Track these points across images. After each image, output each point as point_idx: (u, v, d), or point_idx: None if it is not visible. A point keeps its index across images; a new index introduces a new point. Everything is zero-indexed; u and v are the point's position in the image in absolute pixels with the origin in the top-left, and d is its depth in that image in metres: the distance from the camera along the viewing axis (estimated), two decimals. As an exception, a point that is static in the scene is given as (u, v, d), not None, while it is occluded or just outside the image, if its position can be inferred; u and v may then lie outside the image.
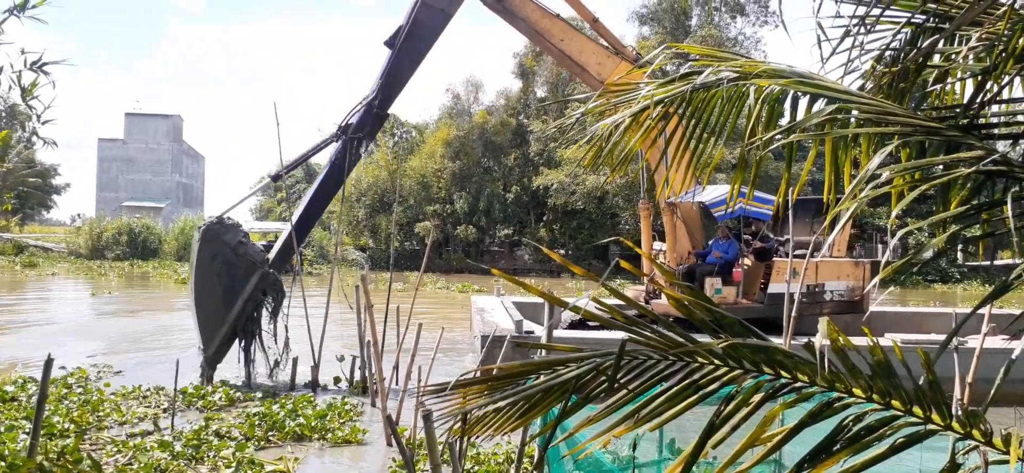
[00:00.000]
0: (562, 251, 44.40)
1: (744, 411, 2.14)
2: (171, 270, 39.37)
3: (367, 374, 11.40)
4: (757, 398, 2.12)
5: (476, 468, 7.93)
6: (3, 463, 2.71)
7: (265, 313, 11.56)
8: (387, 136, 51.68)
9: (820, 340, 1.89)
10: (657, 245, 15.70)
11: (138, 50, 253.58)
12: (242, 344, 11.48)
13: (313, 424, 9.21)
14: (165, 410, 9.97)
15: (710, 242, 15.05)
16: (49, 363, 3.53)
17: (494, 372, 2.42)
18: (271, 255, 11.84)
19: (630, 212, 37.80)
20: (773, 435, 2.23)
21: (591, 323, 14.04)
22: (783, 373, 2.00)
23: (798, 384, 1.99)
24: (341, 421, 9.54)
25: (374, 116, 12.14)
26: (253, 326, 11.45)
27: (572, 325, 13.61)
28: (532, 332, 12.12)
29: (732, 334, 1.98)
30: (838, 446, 2.10)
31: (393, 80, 12.29)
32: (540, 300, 20.53)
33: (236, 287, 11.20)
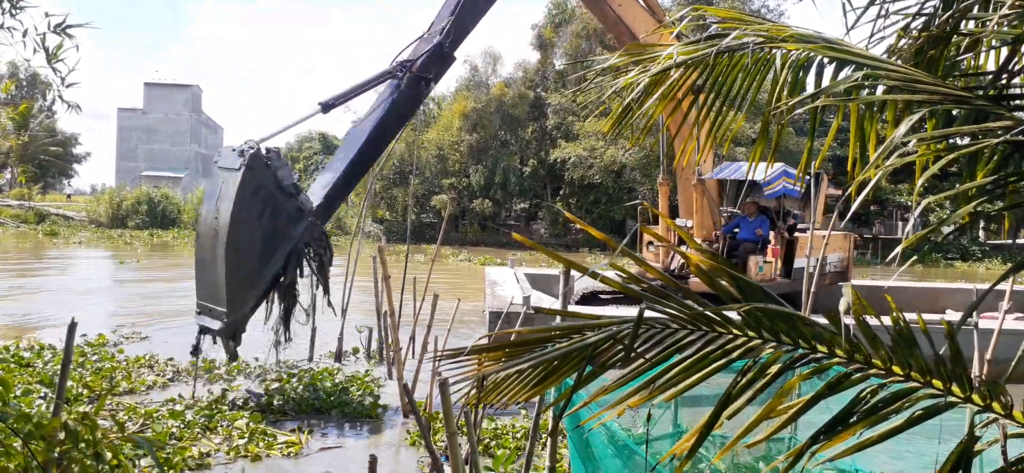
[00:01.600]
0: (577, 226, 44.32)
1: (761, 382, 2.13)
2: (191, 239, 39.74)
3: (384, 345, 11.47)
4: (774, 369, 2.11)
5: (493, 442, 8.00)
6: (29, 423, 2.76)
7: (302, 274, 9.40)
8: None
9: (844, 304, 1.88)
10: (680, 222, 15.68)
11: (145, 53, 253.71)
12: (281, 306, 9.42)
13: (332, 397, 9.29)
14: (171, 379, 10.12)
15: (734, 218, 15.00)
16: (73, 327, 3.58)
17: (512, 337, 2.42)
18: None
19: (647, 186, 37.62)
20: (789, 407, 2.23)
21: (603, 296, 14.08)
22: (801, 343, 1.98)
23: (817, 355, 1.98)
24: (360, 393, 9.62)
25: (441, 57, 10.24)
26: (295, 288, 9.32)
27: (583, 299, 13.61)
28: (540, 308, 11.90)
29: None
30: (855, 418, 2.09)
31: (467, 15, 10.46)
32: (553, 272, 20.60)
33: (279, 235, 8.91)
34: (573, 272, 3.80)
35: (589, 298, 13.75)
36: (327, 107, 9.28)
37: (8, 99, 60.29)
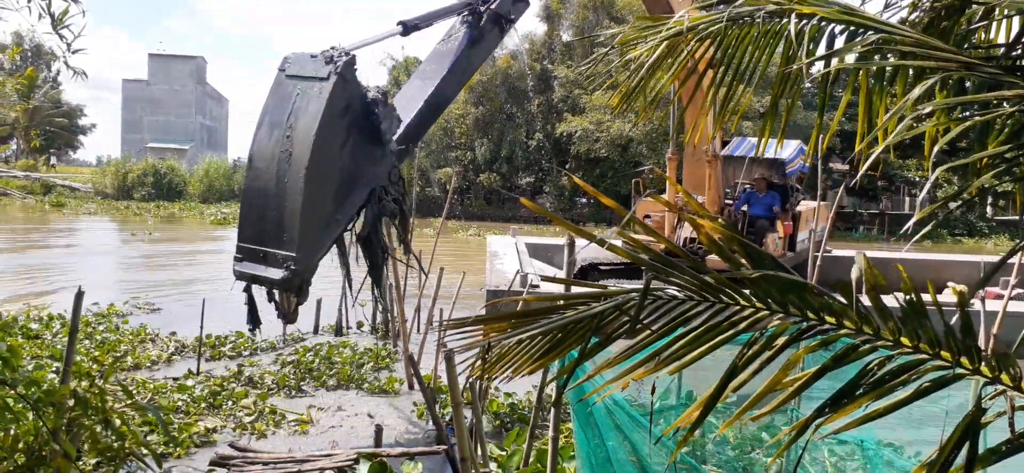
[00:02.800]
0: (583, 200, 44.28)
1: (767, 354, 2.13)
2: (197, 212, 39.84)
3: (389, 318, 11.51)
4: (781, 341, 2.11)
5: (509, 416, 8.09)
6: (40, 391, 2.77)
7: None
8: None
9: (856, 272, 1.87)
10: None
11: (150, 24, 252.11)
12: (368, 262, 7.91)
13: (347, 372, 9.31)
14: (173, 355, 10.11)
15: (743, 193, 15.01)
16: (80, 295, 3.60)
17: (518, 307, 2.42)
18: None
19: (654, 160, 37.46)
20: (795, 379, 2.23)
21: (603, 267, 14.09)
22: (809, 315, 1.97)
23: (825, 327, 1.97)
24: (375, 368, 9.64)
25: None
26: (382, 238, 7.83)
27: (581, 272, 13.58)
28: (537, 287, 11.55)
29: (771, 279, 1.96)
30: (861, 390, 2.09)
31: None
32: (555, 241, 20.59)
33: (359, 172, 7.30)
34: (578, 241, 3.80)
35: (588, 270, 13.75)
36: (408, 28, 7.84)
37: (14, 68, 60.33)
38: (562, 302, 2.35)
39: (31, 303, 12.96)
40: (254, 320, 7.53)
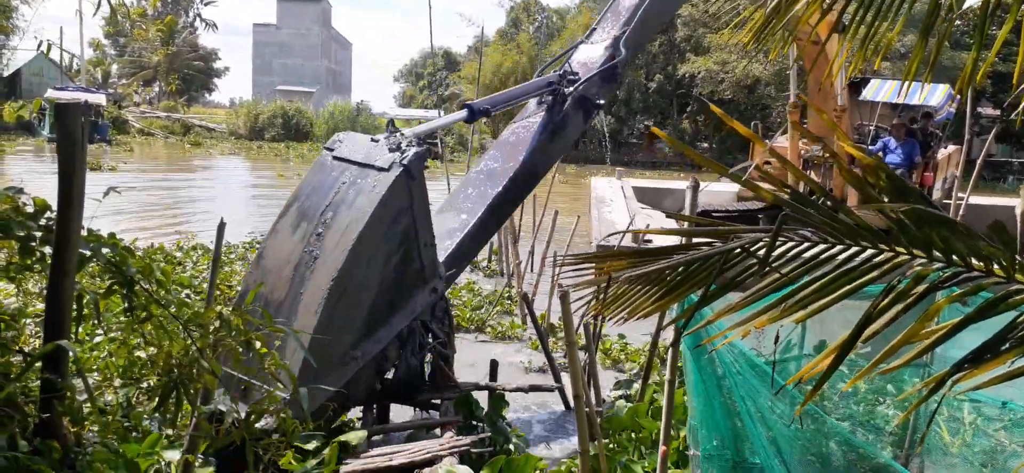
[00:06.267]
0: (705, 145, 43.02)
1: (905, 302, 2.02)
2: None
3: (504, 258, 11.69)
4: (920, 288, 2.00)
5: (623, 356, 8.10)
6: (191, 311, 3.01)
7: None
8: (529, 19, 51.08)
9: (1021, 206, 1.73)
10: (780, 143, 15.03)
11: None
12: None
13: (467, 315, 9.48)
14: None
15: (879, 139, 14.16)
16: (222, 227, 3.86)
17: (641, 239, 2.40)
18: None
19: (781, 103, 35.82)
20: (933, 331, 2.11)
21: (716, 214, 13.71)
22: (956, 260, 1.85)
23: (973, 274, 1.85)
24: (497, 312, 9.81)
25: (613, 76, 7.49)
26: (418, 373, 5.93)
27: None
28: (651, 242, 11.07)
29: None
30: (1007, 345, 1.96)
31: (654, 18, 8.07)
32: (664, 185, 20.11)
33: (400, 298, 5.56)
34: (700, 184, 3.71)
35: (700, 217, 13.42)
36: (474, 113, 6.29)
37: (156, 14, 64.34)
38: (686, 240, 2.31)
39: (180, 230, 13.97)
40: None
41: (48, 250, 2.53)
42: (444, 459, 4.62)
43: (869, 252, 1.96)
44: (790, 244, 2.15)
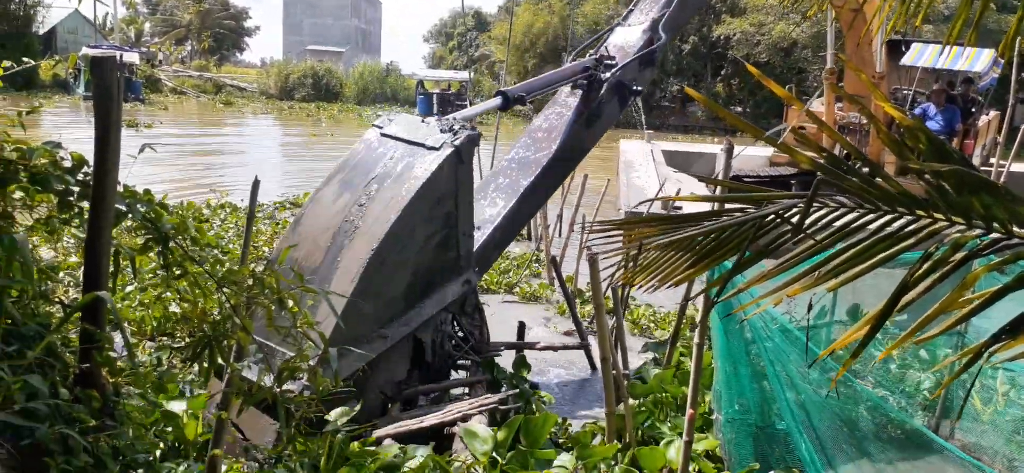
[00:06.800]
0: (739, 109, 42.35)
1: (941, 271, 1.98)
2: (355, 113, 41.81)
3: (532, 221, 11.65)
4: (959, 256, 1.95)
5: (652, 324, 8.09)
6: (225, 268, 3.04)
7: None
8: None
9: None
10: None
11: None
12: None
13: (495, 279, 9.49)
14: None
15: (920, 107, 13.82)
16: (256, 185, 3.88)
17: (671, 205, 2.38)
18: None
19: (818, 66, 35.08)
20: (969, 299, 2.07)
21: (748, 179, 13.51)
22: (996, 227, 1.81)
23: (1013, 241, 1.80)
24: (525, 275, 9.82)
25: (651, 62, 7.27)
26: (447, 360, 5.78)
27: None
28: (680, 209, 10.71)
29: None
30: (1048, 317, 1.92)
31: (690, 2, 8.00)
32: (693, 148, 19.81)
33: (435, 281, 5.46)
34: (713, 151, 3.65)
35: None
36: (508, 100, 6.03)
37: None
38: (718, 206, 2.29)
39: (214, 188, 14.16)
40: None
41: (85, 205, 2.57)
42: (473, 418, 4.67)
43: (905, 218, 1.92)
44: (825, 210, 2.12)
